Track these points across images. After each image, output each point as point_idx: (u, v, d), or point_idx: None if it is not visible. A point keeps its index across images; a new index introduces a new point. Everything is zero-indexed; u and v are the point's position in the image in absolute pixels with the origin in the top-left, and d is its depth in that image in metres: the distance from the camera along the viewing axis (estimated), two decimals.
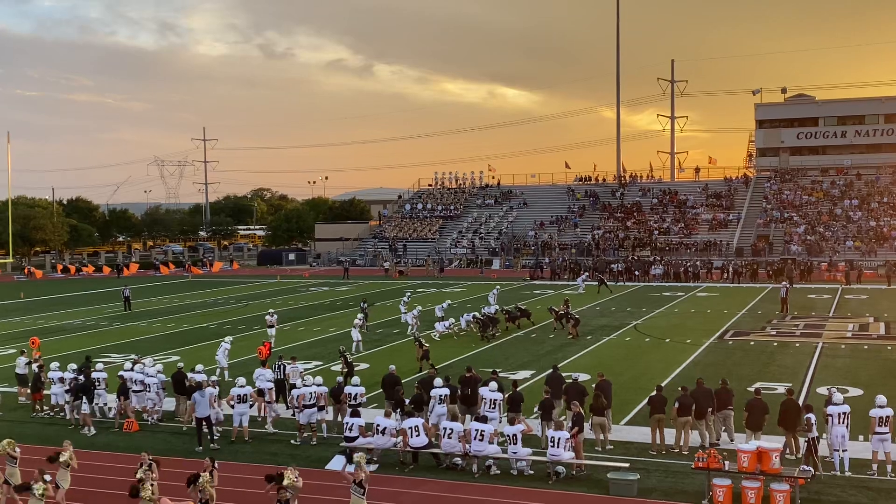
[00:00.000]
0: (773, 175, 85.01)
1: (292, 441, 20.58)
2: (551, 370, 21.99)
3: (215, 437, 20.62)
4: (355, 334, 32.91)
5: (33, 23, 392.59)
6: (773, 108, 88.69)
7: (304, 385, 20.85)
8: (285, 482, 13.96)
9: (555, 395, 20.09)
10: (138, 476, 14.61)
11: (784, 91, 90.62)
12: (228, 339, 29.70)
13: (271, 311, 33.94)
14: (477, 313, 36.77)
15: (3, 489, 15.54)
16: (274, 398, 22.25)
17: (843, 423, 17.21)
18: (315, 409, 20.57)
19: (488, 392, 20.08)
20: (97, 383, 23.24)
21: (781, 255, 67.62)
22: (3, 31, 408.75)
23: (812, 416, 17.07)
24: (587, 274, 60.69)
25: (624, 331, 36.98)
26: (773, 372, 27.30)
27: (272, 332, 34.75)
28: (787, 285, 45.22)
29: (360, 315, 35.90)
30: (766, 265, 62.59)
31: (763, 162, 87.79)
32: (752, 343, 33.12)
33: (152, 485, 14.43)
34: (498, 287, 47.74)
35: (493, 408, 19.84)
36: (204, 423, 20.36)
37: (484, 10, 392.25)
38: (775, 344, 32.76)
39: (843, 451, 17.12)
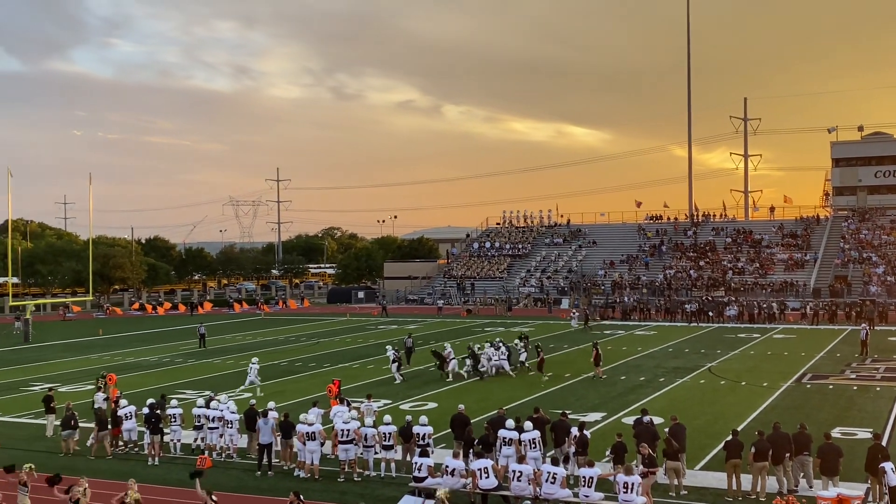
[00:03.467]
0: (851, 214, 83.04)
1: (338, 479, 20.63)
2: (641, 415, 21.35)
3: (272, 466, 21.33)
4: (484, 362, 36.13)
5: (115, 68, 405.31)
6: (849, 147, 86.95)
7: (344, 422, 21.11)
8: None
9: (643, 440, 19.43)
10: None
11: (861, 129, 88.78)
12: (255, 359, 34.24)
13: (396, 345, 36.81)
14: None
15: None
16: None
17: None
18: (351, 444, 20.72)
19: (526, 434, 19.88)
20: (172, 419, 23.59)
21: (860, 296, 65.80)
22: (86, 76, 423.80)
23: (888, 465, 16.40)
24: (576, 310, 62.79)
25: (698, 373, 36.28)
26: (853, 417, 26.44)
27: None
28: (868, 327, 43.90)
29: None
30: (844, 306, 60.96)
31: (840, 201, 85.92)
32: (830, 387, 32.16)
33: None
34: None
35: (535, 447, 19.65)
36: (266, 450, 21.18)
37: (552, 49, 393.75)
38: (855, 388, 31.75)
39: None
